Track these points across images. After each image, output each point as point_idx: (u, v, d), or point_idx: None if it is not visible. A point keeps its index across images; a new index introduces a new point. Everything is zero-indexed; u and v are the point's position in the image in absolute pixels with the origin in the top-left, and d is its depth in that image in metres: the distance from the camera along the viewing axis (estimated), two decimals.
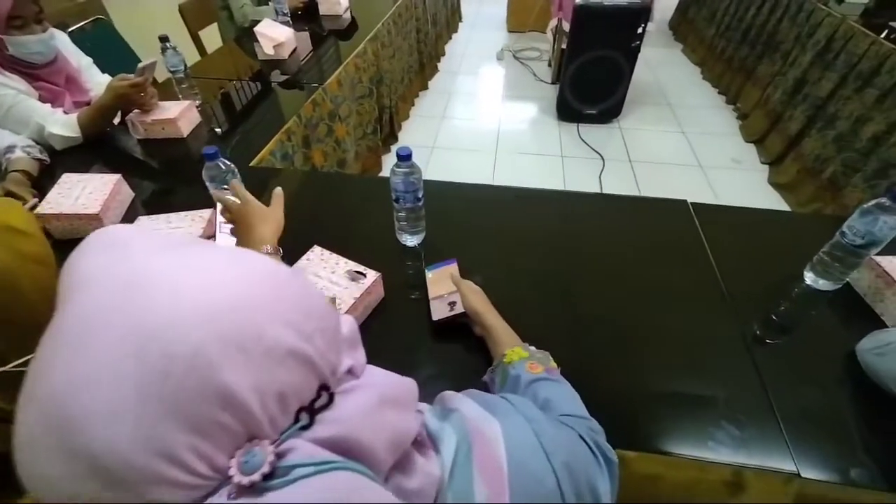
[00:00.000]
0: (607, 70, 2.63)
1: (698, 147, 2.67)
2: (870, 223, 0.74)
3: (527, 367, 0.57)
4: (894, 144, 1.71)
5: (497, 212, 1.09)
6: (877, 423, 0.69)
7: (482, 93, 3.43)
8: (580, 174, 2.50)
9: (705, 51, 3.51)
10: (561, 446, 0.35)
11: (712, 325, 0.82)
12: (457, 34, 4.49)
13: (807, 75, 2.28)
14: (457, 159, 2.70)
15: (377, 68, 2.27)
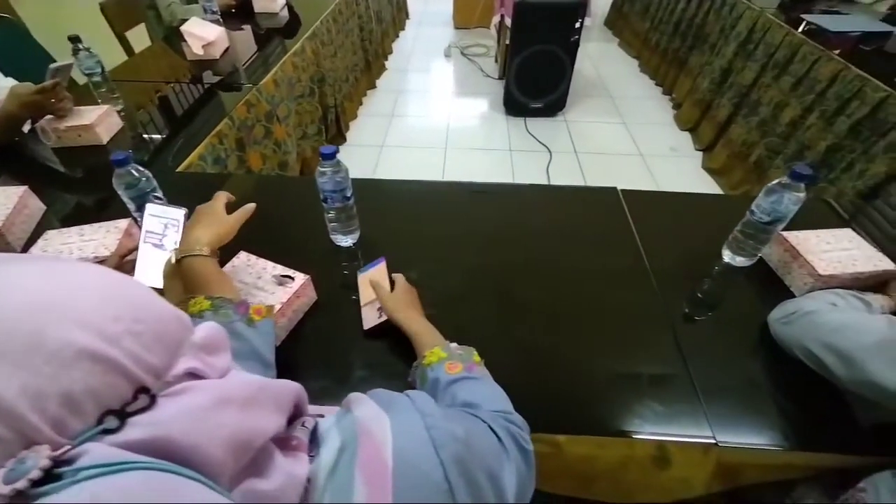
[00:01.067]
0: (549, 64, 2.69)
1: (638, 137, 2.78)
2: (774, 201, 0.79)
3: (445, 368, 0.58)
4: (809, 128, 1.85)
5: (437, 207, 1.09)
6: (788, 388, 0.73)
7: (431, 90, 3.42)
8: (528, 167, 2.54)
9: (640, 44, 3.66)
10: (454, 439, 0.35)
11: (639, 307, 0.85)
12: (404, 32, 4.47)
13: (732, 65, 2.42)
14: (407, 157, 2.68)
15: (318, 67, 2.22)
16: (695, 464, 0.69)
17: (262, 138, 1.68)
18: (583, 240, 0.98)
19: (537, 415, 0.70)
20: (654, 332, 0.80)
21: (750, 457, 0.69)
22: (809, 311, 0.71)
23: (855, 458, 0.68)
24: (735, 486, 0.75)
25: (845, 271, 0.80)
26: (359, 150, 2.74)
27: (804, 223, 0.88)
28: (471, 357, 0.61)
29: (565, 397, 0.72)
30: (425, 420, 0.35)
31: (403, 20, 4.57)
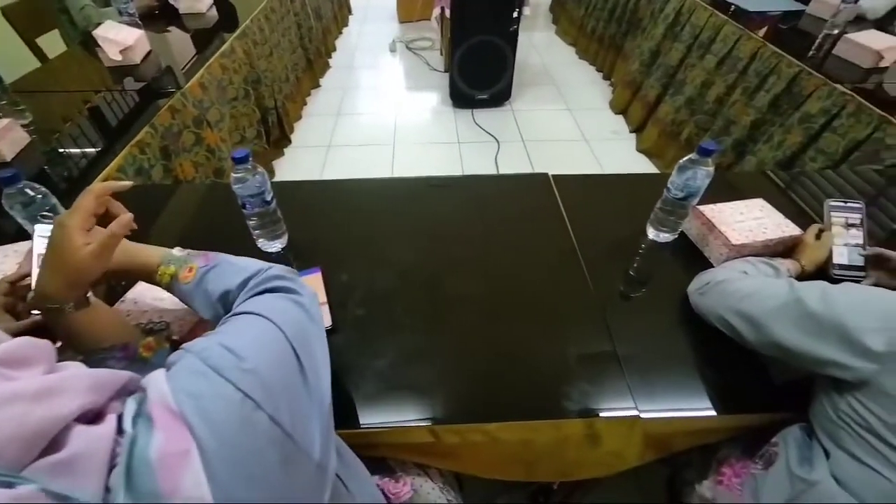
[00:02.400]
0: (491, 55, 2.69)
1: (583, 122, 2.84)
2: (685, 177, 0.82)
3: (182, 277, 0.56)
4: (733, 104, 1.94)
5: (373, 205, 1.07)
6: (709, 356, 0.77)
7: (377, 86, 3.37)
8: (477, 158, 2.55)
9: (576, 31, 3.73)
10: (224, 357, 0.34)
11: (570, 290, 0.86)
12: (347, 28, 4.38)
13: (660, 46, 2.50)
14: (355, 155, 2.64)
15: (252, 68, 2.14)
16: (624, 438, 0.71)
17: (192, 145, 1.60)
18: (514, 227, 0.99)
19: (469, 405, 0.70)
20: (583, 313, 0.82)
21: (676, 426, 0.71)
22: (721, 281, 0.74)
23: (770, 416, 0.72)
24: (667, 453, 0.78)
25: (756, 239, 0.84)
26: (305, 151, 2.67)
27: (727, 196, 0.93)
28: (188, 256, 0.59)
29: (496, 386, 0.72)
30: (200, 355, 0.34)
31: (346, 16, 4.48)
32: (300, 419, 0.35)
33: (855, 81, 1.55)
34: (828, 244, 0.82)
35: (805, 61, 1.67)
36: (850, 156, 1.45)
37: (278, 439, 0.32)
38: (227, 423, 0.30)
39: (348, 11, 4.58)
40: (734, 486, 0.70)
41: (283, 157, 2.61)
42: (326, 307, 0.80)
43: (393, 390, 0.71)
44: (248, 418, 0.31)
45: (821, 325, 0.58)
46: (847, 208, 0.85)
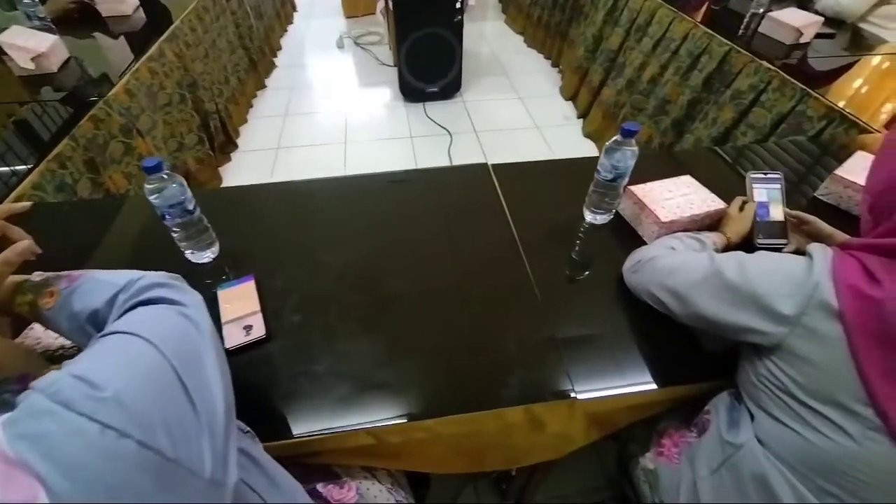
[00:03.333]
0: (438, 47, 2.67)
1: (533, 110, 2.87)
2: (613, 159, 0.83)
3: (42, 304, 0.52)
4: (666, 83, 2.00)
5: (310, 205, 1.03)
6: (645, 333, 0.78)
7: (326, 84, 3.29)
8: (430, 152, 2.53)
9: (524, 19, 3.75)
10: (76, 388, 0.31)
11: (510, 279, 0.86)
12: (293, 25, 4.24)
13: (602, 32, 2.55)
14: (306, 156, 2.57)
15: (186, 71, 2.04)
16: (565, 420, 0.72)
17: (122, 156, 1.51)
18: (454, 220, 0.98)
19: (409, 404, 0.69)
20: (523, 302, 0.82)
21: (616, 403, 0.73)
22: (651, 258, 0.76)
23: (703, 386, 0.74)
24: (612, 430, 0.79)
25: (684, 215, 0.86)
26: (253, 154, 2.58)
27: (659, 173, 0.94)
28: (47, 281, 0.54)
29: (435, 382, 0.72)
30: (40, 392, 0.31)
31: (290, 13, 4.34)
32: (183, 438, 0.33)
33: (779, 57, 1.62)
34: (750, 215, 0.85)
35: (734, 40, 1.74)
36: (778, 128, 1.52)
37: (152, 464, 0.30)
38: (83, 460, 0.28)
39: (293, 8, 4.45)
40: (673, 455, 0.73)
41: (230, 162, 2.51)
42: (260, 316, 0.77)
43: (330, 396, 0.69)
44: (111, 449, 0.29)
45: (738, 295, 0.60)
46: (767, 179, 0.88)
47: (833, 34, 1.80)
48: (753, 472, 0.59)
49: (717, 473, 0.63)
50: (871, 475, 0.50)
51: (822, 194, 1.01)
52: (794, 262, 0.58)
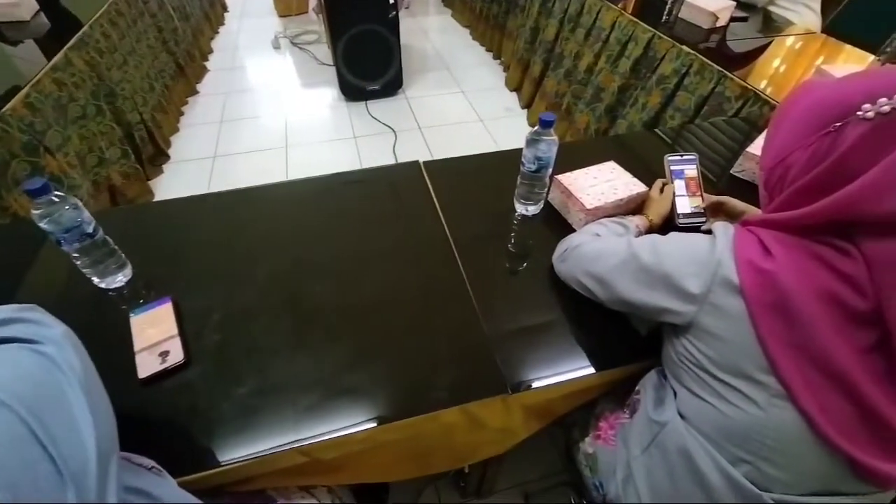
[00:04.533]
0: (374, 44, 2.62)
1: (476, 103, 2.88)
2: (535, 150, 0.84)
3: None
4: (600, 71, 2.05)
5: (235, 217, 0.98)
6: (576, 320, 0.79)
7: (263, 87, 3.16)
8: (375, 151, 2.49)
9: (469, 13, 3.76)
10: None
11: (441, 279, 0.85)
12: (224, 27, 4.05)
13: (538, 24, 2.58)
14: (245, 163, 2.46)
15: (100, 80, 1.90)
16: (503, 415, 0.72)
17: (29, 176, 1.39)
18: (385, 222, 0.96)
19: (341, 415, 0.67)
20: (455, 301, 0.81)
21: (552, 392, 0.73)
22: (576, 246, 0.77)
23: (636, 367, 0.76)
24: (553, 419, 0.80)
25: (608, 201, 0.88)
26: (188, 165, 2.44)
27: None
28: None
29: (368, 391, 0.69)
30: None
31: (221, 14, 4.14)
32: (34, 493, 0.30)
33: (698, 41, 1.70)
34: (669, 196, 0.88)
35: (658, 27, 1.80)
36: (701, 110, 1.59)
37: None
38: None
39: (223, 9, 4.25)
40: (610, 438, 0.74)
41: (162, 174, 2.37)
42: (177, 340, 0.72)
43: (257, 417, 0.66)
44: None
45: (652, 277, 0.62)
46: (684, 161, 0.91)
47: (746, 17, 1.90)
48: (678, 448, 0.61)
49: (647, 452, 0.65)
50: (777, 440, 0.53)
51: (737, 171, 1.06)
52: (699, 241, 0.59)
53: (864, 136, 0.47)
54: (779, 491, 0.55)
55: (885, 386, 0.48)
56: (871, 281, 0.47)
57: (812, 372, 0.50)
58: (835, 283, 0.48)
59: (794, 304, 0.49)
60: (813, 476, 0.54)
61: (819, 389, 0.50)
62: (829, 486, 0.54)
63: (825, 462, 0.52)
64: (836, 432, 0.50)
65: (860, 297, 0.47)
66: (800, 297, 0.49)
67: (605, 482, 0.73)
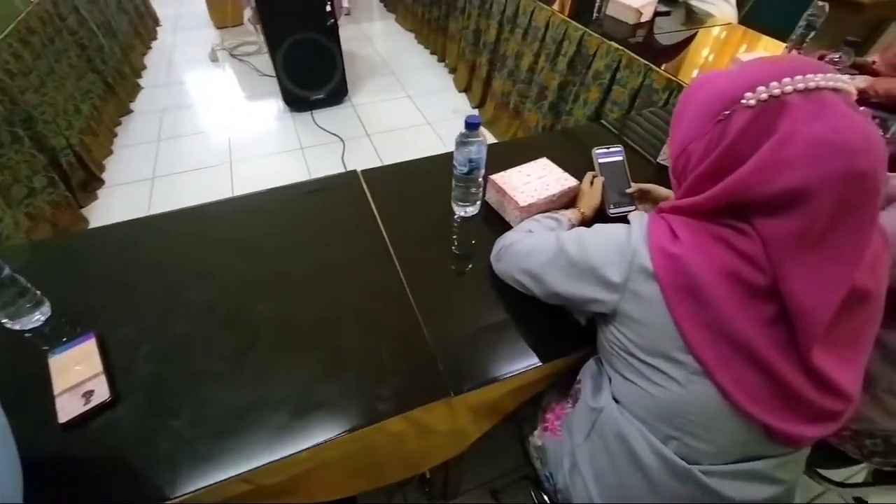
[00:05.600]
0: (315, 52, 2.58)
1: (423, 107, 2.89)
2: (464, 152, 0.85)
3: None
4: (541, 70, 2.10)
5: (167, 241, 0.94)
6: (518, 316, 0.81)
7: (203, 101, 3.05)
8: (323, 161, 2.45)
9: (412, 17, 3.77)
10: None
11: (382, 288, 0.84)
12: (157, 41, 3.88)
13: (479, 26, 2.62)
14: (187, 183, 2.36)
15: (13, 104, 1.77)
16: (450, 418, 0.72)
17: None
18: (324, 234, 0.95)
19: (284, 437, 0.65)
20: (396, 308, 0.81)
21: (498, 390, 0.74)
22: (511, 244, 0.78)
23: (576, 357, 0.78)
24: (503, 416, 0.81)
25: (540, 197, 0.90)
26: (124, 188, 2.32)
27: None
28: None
29: (309, 409, 0.68)
30: None
31: (152, 28, 3.97)
32: None
33: (625, 37, 1.77)
34: (599, 188, 0.91)
35: (588, 24, 1.86)
36: (635, 103, 1.66)
37: None
38: None
39: (155, 23, 4.07)
40: (557, 428, 0.76)
41: (96, 200, 2.24)
42: (103, 377, 0.68)
43: (194, 449, 0.63)
44: None
45: (579, 269, 0.63)
46: (610, 153, 0.95)
47: (669, 12, 2.00)
48: (615, 432, 0.63)
49: (589, 439, 0.67)
50: (700, 414, 0.56)
51: (662, 160, 1.11)
52: (618, 232, 0.62)
53: (747, 123, 0.50)
54: (706, 462, 0.57)
55: (788, 354, 0.51)
56: (766, 257, 0.50)
57: (724, 347, 0.53)
58: (736, 262, 0.51)
59: (702, 285, 0.52)
60: (734, 445, 0.57)
61: (731, 363, 0.53)
62: (750, 453, 0.57)
63: (744, 431, 0.55)
64: (749, 402, 0.53)
65: (759, 273, 0.50)
66: (706, 278, 0.52)
67: (554, 473, 0.74)
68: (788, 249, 0.48)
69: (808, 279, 0.48)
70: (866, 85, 1.35)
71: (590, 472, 0.66)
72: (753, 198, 0.50)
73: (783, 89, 0.48)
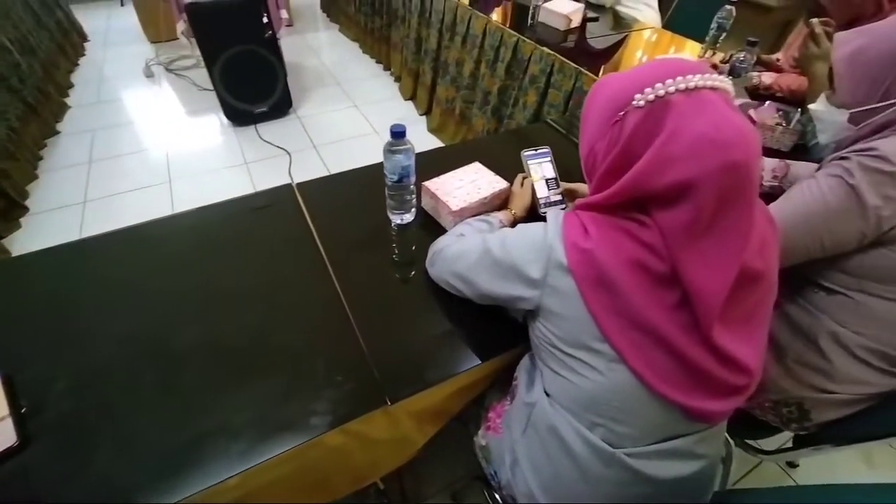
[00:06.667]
0: (254, 65, 2.52)
1: (371, 116, 2.88)
2: (392, 162, 0.85)
3: None
4: (483, 76, 2.15)
5: (81, 268, 0.89)
6: (455, 318, 0.81)
7: (138, 119, 2.91)
8: (269, 175, 2.40)
9: (356, 27, 3.75)
10: None
11: (319, 301, 0.83)
12: (85, 58, 3.67)
13: (420, 34, 2.65)
14: (122, 205, 2.24)
15: None
16: (391, 426, 0.72)
17: None
18: (258, 250, 0.92)
19: (218, 463, 0.63)
20: (332, 320, 0.80)
21: (437, 393, 0.74)
22: (442, 248, 0.79)
23: (514, 353, 0.80)
24: (449, 418, 0.82)
25: (472, 201, 0.92)
26: (52, 215, 2.18)
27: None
28: None
29: (243, 428, 0.66)
30: None
31: (78, 44, 3.75)
32: None
33: (557, 42, 1.84)
34: (529, 189, 0.94)
35: (523, 31, 1.92)
36: (569, 105, 1.72)
37: None
38: None
39: (82, 38, 3.85)
40: (498, 426, 0.77)
41: (20, 229, 2.09)
42: (8, 421, 0.63)
43: (114, 486, 0.60)
44: None
45: (503, 268, 0.65)
46: (538, 155, 0.98)
47: (597, 18, 2.10)
48: (547, 425, 0.65)
49: (525, 433, 0.69)
50: (620, 400, 0.58)
51: None
52: (536, 230, 0.64)
53: (639, 122, 0.53)
54: (630, 445, 0.60)
55: (692, 335, 0.55)
56: (665, 246, 0.53)
57: (635, 334, 0.56)
58: (640, 252, 0.54)
59: (611, 276, 0.55)
60: (655, 426, 0.60)
61: (643, 348, 0.56)
62: (671, 432, 0.61)
63: (661, 412, 0.58)
64: (663, 384, 0.56)
65: (660, 261, 0.54)
66: (614, 269, 0.55)
67: (497, 471, 0.75)
68: (682, 238, 0.52)
69: (700, 264, 0.52)
70: (771, 81, 1.47)
71: (528, 466, 0.68)
72: (649, 191, 0.53)
73: (667, 90, 0.52)
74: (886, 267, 0.71)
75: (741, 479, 1.36)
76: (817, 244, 0.74)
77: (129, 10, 3.94)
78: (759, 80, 1.46)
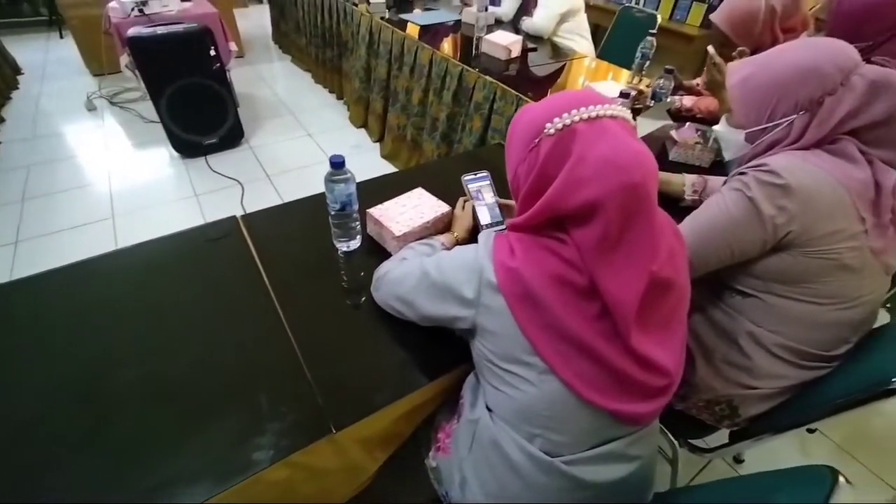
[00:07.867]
0: (202, 97, 2.50)
1: (324, 144, 2.89)
2: (333, 192, 0.87)
3: None
4: (431, 103, 2.22)
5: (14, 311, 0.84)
6: (401, 340, 0.83)
7: (78, 154, 2.79)
8: (220, 206, 2.35)
9: (307, 58, 3.79)
10: None
11: (262, 333, 0.83)
12: (18, 91, 3.52)
13: (369, 64, 2.71)
14: (59, 245, 2.13)
15: None
16: (338, 455, 0.72)
17: None
18: (201, 284, 0.91)
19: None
20: (276, 352, 0.79)
21: (385, 417, 0.75)
22: (385, 273, 0.81)
23: (460, 373, 0.82)
24: (401, 441, 0.82)
25: (415, 225, 0.95)
26: None
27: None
28: None
29: (184, 469, 0.64)
30: None
31: (11, 77, 3.59)
32: None
33: (499, 71, 1.94)
34: (470, 211, 0.98)
35: (466, 60, 2.01)
36: None
37: None
38: None
39: (14, 71, 3.69)
40: (447, 446, 0.78)
41: None
42: None
43: None
44: None
45: (440, 290, 0.68)
46: (478, 178, 1.03)
47: (535, 48, 2.23)
48: (490, 439, 0.66)
49: (471, 451, 0.70)
50: (553, 410, 0.61)
51: None
52: (468, 252, 0.67)
53: (551, 148, 0.58)
54: (567, 453, 0.63)
55: (614, 343, 0.59)
56: (582, 261, 0.58)
57: (562, 345, 0.59)
58: (561, 267, 0.58)
59: (536, 292, 0.58)
60: (588, 432, 0.63)
61: (570, 359, 0.59)
62: (603, 437, 0.64)
63: (592, 418, 0.62)
64: (590, 391, 0.59)
65: (579, 275, 0.58)
66: (539, 285, 0.58)
67: (448, 491, 0.76)
68: (595, 253, 0.56)
69: (613, 276, 0.56)
70: (692, 104, 1.61)
71: (476, 483, 0.69)
72: (563, 211, 0.58)
73: (572, 119, 0.57)
74: (787, 270, 0.79)
75: (694, 479, 1.42)
76: (727, 251, 0.81)
77: (69, 42, 3.83)
78: (681, 104, 1.59)
